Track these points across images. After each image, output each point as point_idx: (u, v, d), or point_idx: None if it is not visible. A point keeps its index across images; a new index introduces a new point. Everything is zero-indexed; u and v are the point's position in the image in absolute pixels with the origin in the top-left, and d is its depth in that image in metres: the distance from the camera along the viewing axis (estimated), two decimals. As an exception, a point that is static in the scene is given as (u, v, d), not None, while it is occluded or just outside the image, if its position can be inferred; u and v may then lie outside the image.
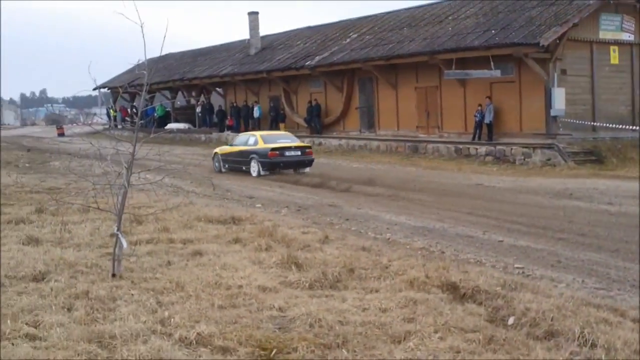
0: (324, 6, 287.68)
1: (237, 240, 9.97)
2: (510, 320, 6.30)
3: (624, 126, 24.89)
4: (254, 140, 23.11)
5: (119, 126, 53.35)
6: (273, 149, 22.14)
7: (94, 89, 53.74)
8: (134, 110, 54.78)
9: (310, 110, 36.53)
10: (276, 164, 22.24)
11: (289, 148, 22.79)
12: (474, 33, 27.84)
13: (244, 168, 22.82)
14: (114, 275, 7.69)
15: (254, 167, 22.31)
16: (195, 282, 7.38)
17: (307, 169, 23.09)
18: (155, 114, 47.11)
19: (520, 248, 10.34)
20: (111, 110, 55.93)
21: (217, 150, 25.07)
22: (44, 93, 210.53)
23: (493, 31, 26.94)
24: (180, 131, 44.89)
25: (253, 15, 45.29)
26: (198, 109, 47.75)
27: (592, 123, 25.99)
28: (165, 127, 44.84)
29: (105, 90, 58.01)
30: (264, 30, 46.33)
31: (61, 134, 57.75)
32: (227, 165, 23.90)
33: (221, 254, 8.97)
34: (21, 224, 11.38)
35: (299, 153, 22.84)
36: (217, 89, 48.31)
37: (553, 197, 15.86)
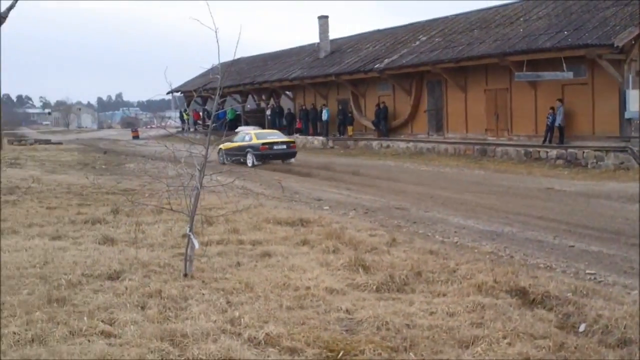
0: (394, 9, 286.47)
1: (305, 242, 10.03)
2: (582, 327, 6.15)
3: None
4: (249, 137, 28.11)
5: (192, 129, 54.34)
6: (264, 144, 27.08)
7: (168, 93, 54.68)
8: (205, 113, 55.78)
9: (377, 113, 36.45)
10: (266, 156, 27.05)
11: (277, 143, 27.73)
12: (546, 34, 27.26)
13: (241, 160, 27.26)
14: (185, 275, 7.84)
15: (250, 159, 26.99)
16: (264, 283, 7.47)
17: (292, 160, 27.87)
18: (226, 117, 47.81)
19: (592, 253, 10.07)
20: (184, 114, 57.00)
21: (221, 146, 27.78)
22: (120, 97, 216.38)
23: (566, 32, 26.32)
24: (249, 134, 45.38)
25: (323, 19, 45.48)
26: (268, 112, 48.21)
27: (668, 126, 25.13)
28: (236, 130, 45.44)
29: (179, 94, 59.13)
30: (334, 33, 46.48)
31: (136, 137, 59.20)
32: (228, 158, 28.06)
33: (289, 255, 9.05)
34: (97, 224, 11.74)
35: (284, 147, 27.86)
36: (287, 92, 48.70)
37: (626, 202, 15.39)
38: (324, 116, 40.65)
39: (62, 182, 20.12)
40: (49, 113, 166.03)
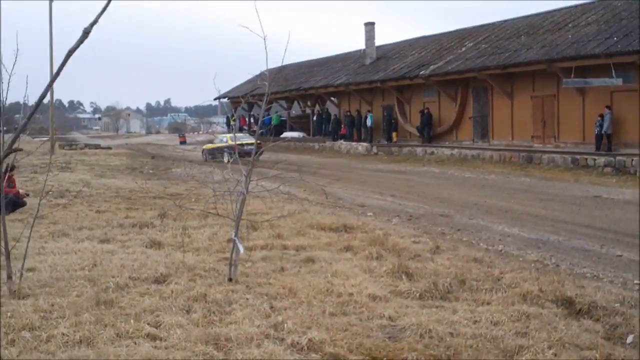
0: (440, 15, 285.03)
1: (348, 248, 10.03)
2: (629, 339, 6.03)
3: None
4: (225, 139, 34.68)
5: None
6: (237, 144, 29.57)
7: (215, 99, 55.56)
8: (252, 119, 56.20)
9: (422, 119, 36.28)
10: (238, 154, 29.33)
11: (247, 143, 30.37)
12: (595, 40, 26.81)
13: (219, 158, 32.12)
14: (230, 279, 7.89)
15: (225, 157, 31.31)
16: (307, 289, 7.48)
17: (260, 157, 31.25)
18: (272, 123, 48.10)
19: (641, 263, 9.85)
20: (231, 120, 57.46)
21: (204, 147, 36.18)
22: (168, 102, 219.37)
23: (615, 38, 25.83)
24: (294, 139, 45.57)
25: (369, 26, 45.49)
26: (315, 118, 48.36)
27: None
28: (281, 136, 45.65)
29: (225, 100, 59.68)
30: (380, 40, 46.48)
31: (183, 142, 59.94)
32: (210, 157, 33.99)
33: (333, 261, 9.04)
34: (145, 228, 11.92)
35: (252, 147, 29.48)
36: (332, 98, 48.81)
37: (677, 211, 15.01)
38: (368, 122, 40.60)
39: (111, 186, 20.48)
40: (99, 118, 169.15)
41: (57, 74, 4.88)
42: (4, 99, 7.84)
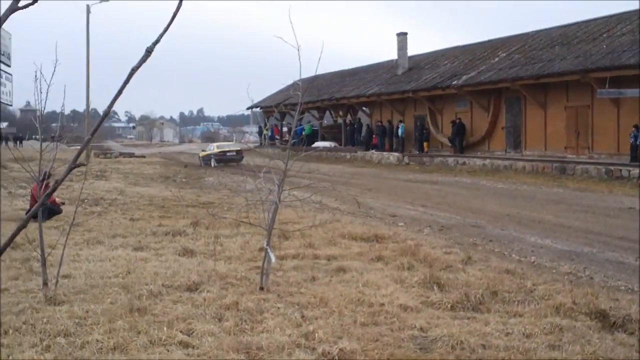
0: (473, 26, 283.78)
1: (379, 258, 9.99)
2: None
3: None
4: (212, 147, 42.50)
5: (270, 143, 54.94)
6: (220, 152, 40.67)
7: (248, 109, 55.86)
8: (284, 129, 56.39)
9: (453, 129, 36.11)
10: (222, 159, 39.48)
11: (229, 151, 40.65)
12: (630, 51, 26.48)
13: (209, 163, 39.50)
14: (261, 288, 7.92)
15: (212, 162, 39.15)
16: (338, 299, 7.47)
17: (242, 162, 38.13)
18: (304, 133, 48.24)
19: (677, 277, 9.67)
20: (264, 129, 57.68)
21: (200, 154, 43.72)
22: (201, 112, 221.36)
23: (650, 48, 25.52)
24: (326, 149, 45.64)
25: (401, 36, 45.45)
26: (347, 127, 48.39)
27: None
28: (313, 145, 45.74)
29: (258, 109, 59.97)
30: (412, 50, 46.39)
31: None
32: (203, 162, 40.91)
33: (364, 271, 9.03)
34: (178, 236, 12.01)
35: (234, 153, 39.83)
36: (364, 108, 48.84)
37: None
38: (400, 132, 40.51)
39: (144, 194, 20.69)
40: (134, 127, 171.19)
41: (120, 91, 4.97)
42: (42, 109, 8.01)
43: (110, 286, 7.99)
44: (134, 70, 4.91)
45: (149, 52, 4.83)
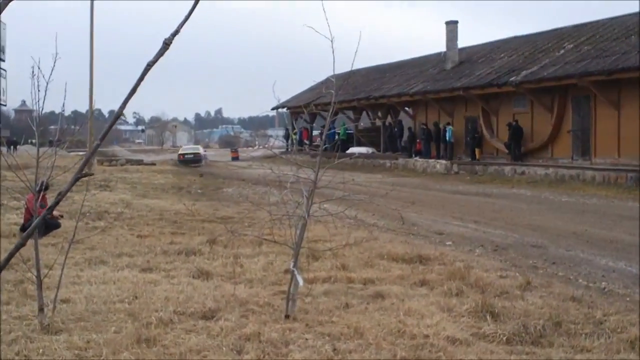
0: (535, 13, 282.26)
1: (423, 282, 9.98)
2: None
3: None
4: (181, 150, 63.95)
5: (298, 149, 55.10)
6: (180, 154, 59.52)
7: (272, 109, 56.09)
8: (314, 132, 56.44)
9: (509, 133, 35.92)
10: (183, 161, 55.78)
11: (188, 153, 59.06)
12: None
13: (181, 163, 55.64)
14: (287, 316, 7.94)
15: (180, 162, 55.55)
16: (375, 329, 7.46)
17: (200, 163, 55.14)
18: (337, 137, 48.27)
19: None
20: (291, 133, 57.71)
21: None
22: (219, 113, 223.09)
23: None
24: (362, 156, 45.64)
25: (451, 25, 45.34)
26: (386, 131, 48.35)
27: None
28: (347, 152, 45.75)
29: (284, 110, 60.20)
30: (463, 41, 46.29)
31: (235, 158, 60.81)
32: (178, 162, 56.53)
33: (405, 297, 9.01)
34: (192, 256, 12.12)
35: (192, 156, 57.91)
36: (406, 108, 48.74)
37: None
38: (447, 136, 40.35)
39: (154, 207, 20.88)
40: (143, 130, 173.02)
41: (135, 89, 5.04)
42: (40, 110, 8.12)
43: (115, 312, 8.08)
44: (150, 66, 4.98)
45: (167, 44, 4.90)
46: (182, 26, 4.95)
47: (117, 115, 5.72)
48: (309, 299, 8.85)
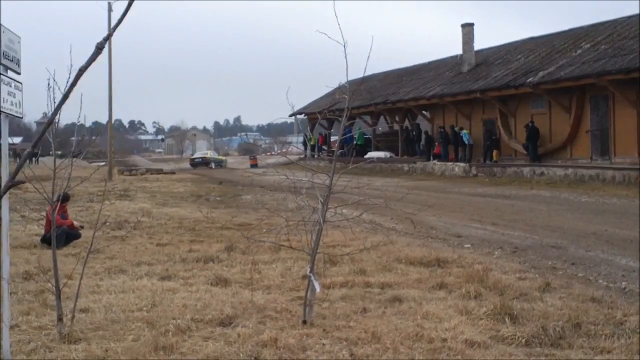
0: (551, 13, 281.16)
1: (441, 285, 9.94)
2: None
3: None
4: (195, 155, 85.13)
5: (316, 155, 55.15)
6: (192, 158, 78.71)
7: (290, 115, 56.17)
8: (327, 137, 56.49)
9: (526, 134, 35.78)
10: (194, 164, 70.90)
11: (198, 157, 76.89)
12: None
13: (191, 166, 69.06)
14: (304, 322, 7.93)
15: (191, 166, 70.47)
16: (393, 333, 7.44)
17: (212, 166, 68.46)
18: (355, 142, 48.23)
19: None
20: (310, 139, 57.78)
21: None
22: (238, 121, 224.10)
23: None
24: (380, 160, 45.59)
25: (467, 28, 45.26)
26: (404, 135, 48.34)
27: None
28: (365, 156, 45.73)
29: (302, 116, 60.30)
30: (480, 44, 46.20)
31: (254, 165, 60.99)
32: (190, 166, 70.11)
33: (423, 301, 8.99)
34: (210, 263, 12.16)
35: (200, 159, 73.43)
36: (424, 112, 48.68)
37: None
38: (465, 139, 40.21)
39: (173, 215, 20.97)
40: (162, 139, 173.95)
41: (67, 94, 5.07)
42: (57, 121, 8.16)
43: (133, 321, 8.10)
44: (82, 71, 4.99)
45: (99, 48, 4.90)
46: (114, 30, 4.96)
47: (49, 122, 5.74)
48: (326, 304, 8.84)
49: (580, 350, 7.05)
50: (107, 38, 4.88)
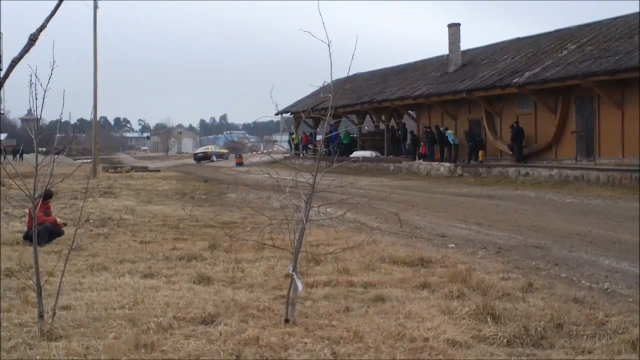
0: (537, 14, 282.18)
1: (424, 285, 9.98)
2: None
3: None
4: (198, 149, 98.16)
5: (301, 154, 55.15)
6: (195, 153, 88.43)
7: (276, 114, 56.19)
8: (313, 136, 56.52)
9: (511, 135, 35.90)
10: (197, 159, 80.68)
11: (199, 152, 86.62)
12: None
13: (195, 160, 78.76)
14: (287, 320, 7.93)
15: (194, 160, 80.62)
16: (375, 332, 7.45)
17: (213, 158, 79.91)
18: (340, 141, 48.25)
19: None
20: (293, 137, 57.88)
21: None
22: (224, 119, 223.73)
23: None
24: (366, 160, 45.60)
25: (453, 28, 45.28)
26: (389, 134, 48.37)
27: None
28: (350, 156, 45.73)
29: (288, 115, 60.26)
30: (466, 44, 46.26)
31: (239, 163, 60.84)
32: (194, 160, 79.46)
33: (406, 300, 9.00)
34: (193, 261, 12.15)
35: (202, 154, 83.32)
36: (410, 111, 48.69)
37: None
38: (450, 139, 40.26)
39: (157, 213, 20.92)
40: (148, 137, 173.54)
41: (0, 85, 5.05)
42: (38, 117, 8.12)
43: (115, 319, 8.08)
44: (14, 62, 4.97)
45: (32, 40, 4.88)
46: (48, 22, 4.94)
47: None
48: (309, 303, 8.85)
49: (561, 350, 7.08)
50: (40, 29, 4.87)
